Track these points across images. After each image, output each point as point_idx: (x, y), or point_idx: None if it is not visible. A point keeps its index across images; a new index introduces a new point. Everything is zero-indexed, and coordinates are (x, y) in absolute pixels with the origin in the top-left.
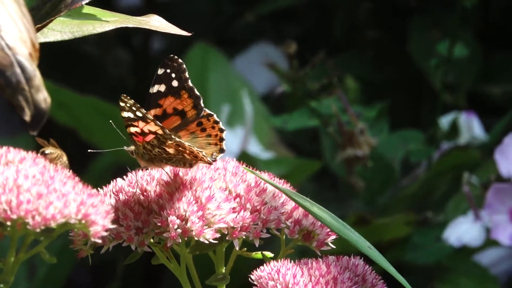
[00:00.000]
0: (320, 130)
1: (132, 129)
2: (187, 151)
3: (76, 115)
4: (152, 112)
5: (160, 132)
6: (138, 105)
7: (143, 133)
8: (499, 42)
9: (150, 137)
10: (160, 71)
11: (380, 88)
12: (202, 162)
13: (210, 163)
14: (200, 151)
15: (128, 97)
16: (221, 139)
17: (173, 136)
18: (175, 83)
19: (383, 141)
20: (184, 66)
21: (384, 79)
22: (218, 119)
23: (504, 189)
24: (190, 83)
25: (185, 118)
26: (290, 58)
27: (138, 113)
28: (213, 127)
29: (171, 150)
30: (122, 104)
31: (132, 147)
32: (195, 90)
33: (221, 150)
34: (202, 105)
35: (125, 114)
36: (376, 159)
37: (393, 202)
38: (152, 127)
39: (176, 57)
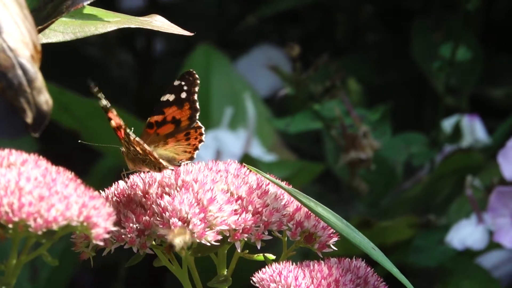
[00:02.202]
0: (323, 133)
1: (112, 123)
2: (147, 151)
3: (79, 117)
4: (154, 118)
5: (121, 124)
6: (100, 91)
7: (118, 127)
8: (502, 45)
9: (123, 132)
10: (176, 83)
11: (383, 90)
12: (161, 165)
13: (166, 168)
14: (152, 152)
15: (93, 83)
16: (195, 148)
17: (130, 132)
18: (183, 95)
19: (386, 144)
20: (198, 81)
21: (387, 82)
22: (204, 132)
23: (507, 192)
24: (195, 97)
25: (179, 127)
26: (293, 60)
27: (103, 101)
28: (196, 138)
29: (139, 149)
30: (93, 89)
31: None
32: (197, 103)
33: (191, 158)
34: (197, 117)
35: (103, 102)
36: (379, 162)
37: (396, 205)
38: (115, 118)
39: (194, 72)
